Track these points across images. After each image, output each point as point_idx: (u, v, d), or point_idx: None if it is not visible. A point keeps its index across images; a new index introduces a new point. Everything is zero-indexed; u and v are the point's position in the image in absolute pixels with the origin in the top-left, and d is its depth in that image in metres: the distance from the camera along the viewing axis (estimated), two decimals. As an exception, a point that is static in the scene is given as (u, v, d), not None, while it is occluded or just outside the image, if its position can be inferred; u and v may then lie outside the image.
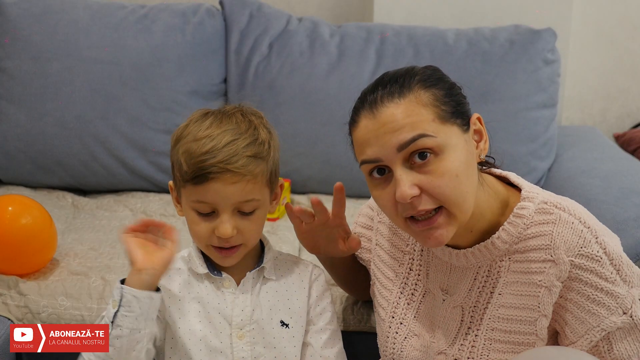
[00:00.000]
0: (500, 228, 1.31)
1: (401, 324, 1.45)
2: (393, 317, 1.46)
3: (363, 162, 1.28)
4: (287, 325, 1.43)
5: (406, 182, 1.23)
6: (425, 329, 1.42)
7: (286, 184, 2.26)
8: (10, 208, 1.78)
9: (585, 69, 2.84)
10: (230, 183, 1.31)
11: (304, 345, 1.46)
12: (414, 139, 1.22)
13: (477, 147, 1.31)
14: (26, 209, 1.79)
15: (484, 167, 1.41)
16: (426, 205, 1.24)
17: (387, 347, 1.46)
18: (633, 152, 2.60)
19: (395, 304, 1.47)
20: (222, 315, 1.40)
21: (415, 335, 1.43)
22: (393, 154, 1.23)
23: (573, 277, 1.27)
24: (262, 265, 1.44)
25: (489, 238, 1.32)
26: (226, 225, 1.33)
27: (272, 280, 1.45)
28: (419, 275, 1.45)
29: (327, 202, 2.29)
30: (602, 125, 2.92)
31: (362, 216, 1.60)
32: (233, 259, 1.39)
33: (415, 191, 1.23)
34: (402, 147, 1.23)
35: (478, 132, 1.32)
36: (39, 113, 2.27)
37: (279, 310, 1.43)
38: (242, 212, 1.35)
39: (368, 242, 1.57)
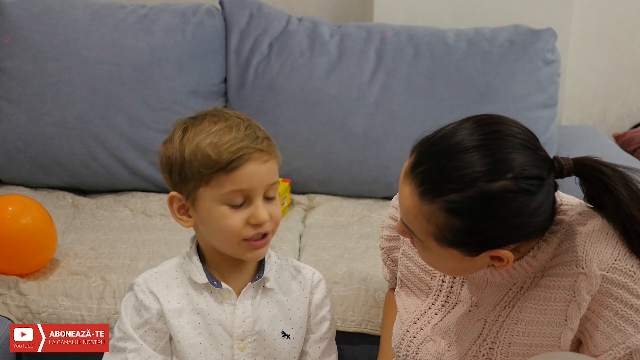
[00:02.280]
0: (535, 246, 1.26)
1: (421, 329, 1.43)
2: (415, 323, 1.44)
3: None
4: (288, 336, 1.42)
5: (401, 227, 1.28)
6: (442, 335, 1.39)
7: (286, 184, 2.26)
8: (10, 208, 1.77)
9: (585, 69, 2.84)
10: (262, 162, 1.31)
11: (302, 353, 1.46)
12: (405, 225, 1.25)
13: (491, 261, 1.23)
14: (26, 209, 1.79)
15: None
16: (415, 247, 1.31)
17: (401, 348, 1.45)
18: (633, 152, 2.60)
19: (423, 312, 1.44)
20: (223, 327, 1.38)
21: (432, 340, 1.40)
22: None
23: (604, 292, 1.23)
24: (263, 276, 1.41)
25: (520, 258, 1.28)
26: (263, 211, 1.32)
27: (272, 290, 1.42)
28: (452, 286, 1.41)
29: (327, 201, 2.30)
30: (602, 125, 2.92)
31: (386, 229, 1.58)
32: (264, 250, 1.37)
33: (406, 236, 1.29)
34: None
35: (499, 259, 1.22)
36: (39, 113, 2.27)
37: (279, 321, 1.41)
38: (267, 198, 1.35)
39: (396, 251, 1.55)
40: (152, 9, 2.38)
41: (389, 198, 2.37)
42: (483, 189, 1.14)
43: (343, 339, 1.66)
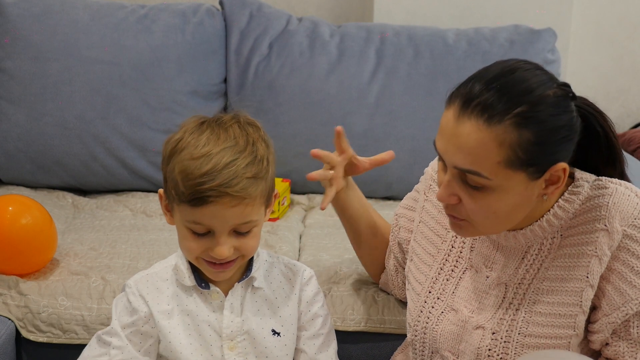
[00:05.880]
0: (555, 205, 1.33)
1: (438, 298, 1.46)
2: (430, 292, 1.47)
3: (434, 144, 1.32)
4: (278, 334, 1.41)
5: (447, 190, 1.30)
6: (464, 304, 1.42)
7: (286, 184, 2.26)
8: (10, 208, 1.77)
9: (585, 69, 2.84)
10: (229, 207, 1.26)
11: (297, 351, 1.45)
12: (467, 171, 1.26)
13: (544, 189, 1.29)
14: (26, 209, 1.79)
15: None
16: (457, 214, 1.32)
17: (419, 321, 1.47)
18: (633, 152, 2.60)
19: (434, 279, 1.48)
20: (212, 328, 1.38)
21: (453, 310, 1.43)
22: (452, 165, 1.28)
23: (622, 247, 1.29)
24: (250, 275, 1.41)
25: (540, 218, 1.33)
26: (223, 248, 1.29)
27: (261, 289, 1.42)
28: (461, 252, 1.46)
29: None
30: (602, 125, 2.92)
31: (407, 198, 1.66)
32: (228, 273, 1.36)
33: (453, 200, 1.30)
34: (457, 169, 1.27)
35: (555, 179, 1.29)
36: (39, 113, 2.27)
37: (269, 319, 1.41)
38: (238, 232, 1.31)
39: (409, 222, 1.61)
40: (152, 9, 2.38)
41: (389, 198, 2.38)
42: (543, 95, 1.23)
43: (343, 338, 1.65)
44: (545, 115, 1.23)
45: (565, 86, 1.27)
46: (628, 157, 2.39)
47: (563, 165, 1.27)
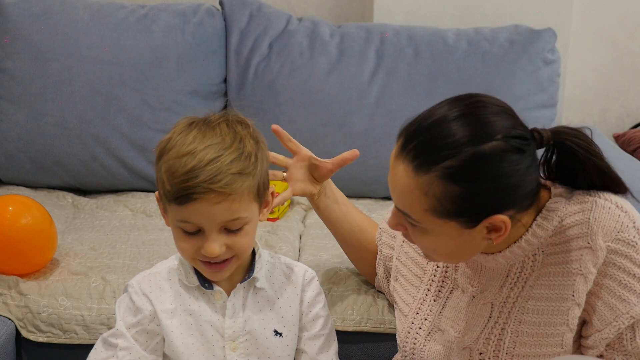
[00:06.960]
0: (534, 224, 1.29)
1: (425, 319, 1.45)
2: (417, 314, 1.46)
3: None
4: (280, 334, 1.41)
5: (393, 219, 1.32)
6: (450, 324, 1.41)
7: (286, 184, 2.25)
8: (10, 208, 1.77)
9: (585, 69, 2.84)
10: (214, 203, 1.25)
11: (298, 352, 1.46)
12: (399, 210, 1.27)
13: (487, 235, 1.26)
14: (26, 209, 1.79)
15: None
16: (411, 241, 1.34)
17: (407, 342, 1.46)
18: (633, 152, 2.60)
19: (422, 300, 1.46)
20: (215, 328, 1.38)
21: (440, 330, 1.42)
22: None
23: (607, 262, 1.26)
24: (253, 275, 1.41)
25: (518, 239, 1.31)
26: (213, 245, 1.29)
27: (263, 290, 1.42)
28: (446, 271, 1.44)
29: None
30: (602, 125, 2.92)
31: (390, 212, 1.63)
32: (224, 273, 1.35)
33: (400, 229, 1.31)
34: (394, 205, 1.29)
35: (496, 229, 1.24)
36: (39, 113, 2.27)
37: (271, 320, 1.41)
38: (229, 230, 1.30)
39: (391, 239, 1.60)
40: (152, 9, 2.38)
41: (389, 198, 2.37)
42: (476, 151, 1.18)
43: (343, 338, 1.65)
44: (476, 172, 1.18)
45: (519, 138, 1.21)
46: (628, 157, 2.39)
47: (502, 217, 1.22)
